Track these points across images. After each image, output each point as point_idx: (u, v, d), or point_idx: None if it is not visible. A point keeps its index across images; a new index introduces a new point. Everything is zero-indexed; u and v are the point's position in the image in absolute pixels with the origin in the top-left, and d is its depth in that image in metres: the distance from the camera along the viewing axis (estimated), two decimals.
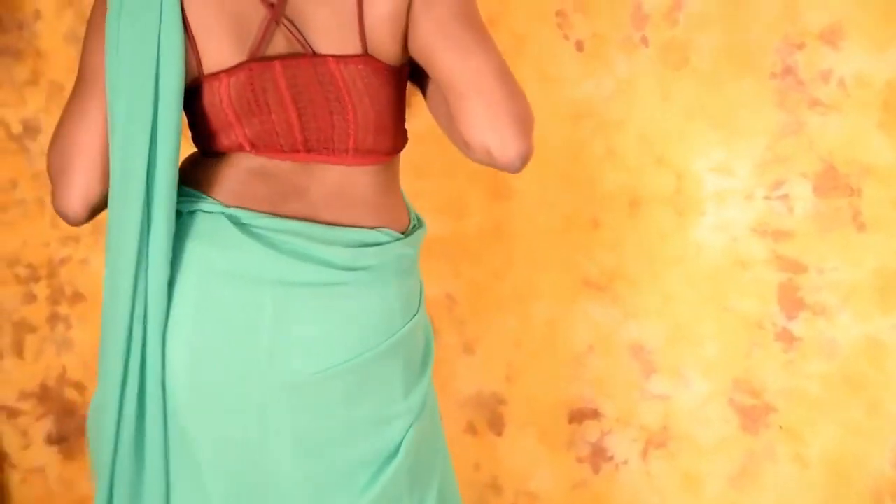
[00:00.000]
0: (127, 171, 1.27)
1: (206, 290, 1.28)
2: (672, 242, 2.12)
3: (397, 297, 1.37)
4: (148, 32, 1.24)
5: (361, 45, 1.28)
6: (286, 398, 1.31)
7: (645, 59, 2.07)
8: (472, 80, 1.23)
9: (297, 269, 1.29)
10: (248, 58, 1.27)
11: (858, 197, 1.96)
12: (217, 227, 1.29)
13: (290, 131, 1.30)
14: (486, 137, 1.23)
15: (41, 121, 2.24)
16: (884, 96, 1.91)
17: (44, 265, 2.32)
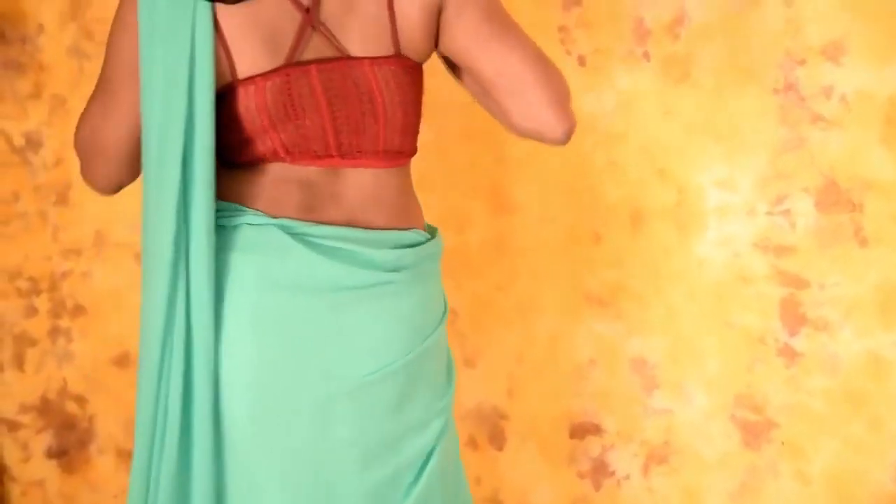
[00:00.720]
0: (162, 179, 1.26)
1: (263, 304, 1.28)
2: (674, 257, 2.12)
3: (433, 296, 1.44)
4: (182, 40, 1.25)
5: (394, 47, 1.32)
6: (349, 403, 1.33)
7: (647, 74, 2.07)
8: (513, 79, 1.32)
9: (350, 274, 1.31)
10: (285, 63, 1.28)
11: (860, 212, 1.96)
12: (270, 238, 1.29)
13: (323, 136, 1.31)
14: (535, 125, 1.35)
15: (43, 134, 2.24)
16: (885, 112, 1.91)
17: (45, 278, 2.32)
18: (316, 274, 1.30)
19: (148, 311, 1.32)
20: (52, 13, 2.18)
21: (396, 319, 1.36)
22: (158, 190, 1.27)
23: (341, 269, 1.31)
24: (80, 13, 2.17)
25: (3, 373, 2.35)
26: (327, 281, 1.30)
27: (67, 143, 2.26)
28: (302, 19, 1.28)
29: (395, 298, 1.36)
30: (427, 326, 1.41)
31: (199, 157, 1.26)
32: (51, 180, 2.27)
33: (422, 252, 1.40)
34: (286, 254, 1.29)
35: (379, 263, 1.34)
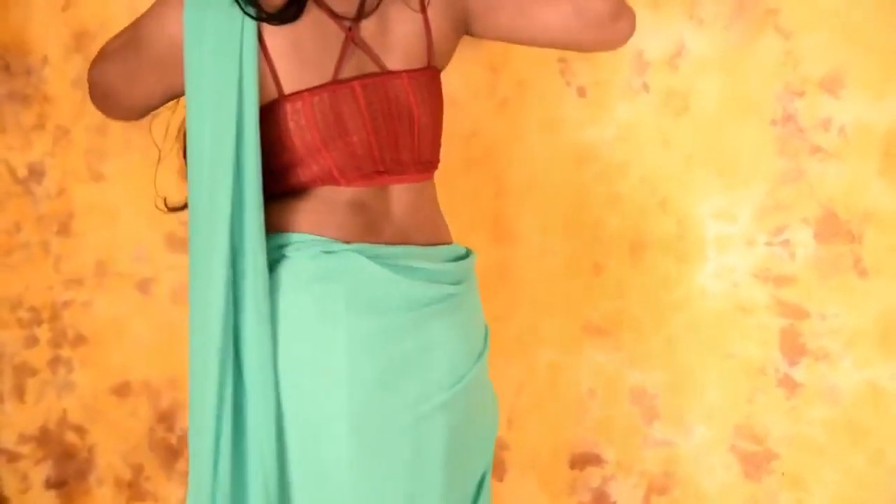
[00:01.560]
0: (214, 196, 1.28)
1: (356, 331, 1.30)
2: (674, 287, 2.13)
3: (480, 307, 1.49)
4: (231, 59, 1.27)
5: (428, 59, 1.37)
6: (440, 418, 1.35)
7: (646, 105, 2.09)
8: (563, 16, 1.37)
9: (427, 290, 1.35)
10: (331, 80, 1.31)
11: (859, 243, 1.97)
12: (351, 264, 1.31)
13: (369, 152, 1.34)
14: (601, 43, 1.43)
15: (46, 164, 2.26)
16: (883, 144, 1.92)
17: (46, 308, 2.33)
18: (399, 294, 1.33)
19: (200, 350, 1.31)
20: (57, 45, 2.20)
21: (465, 330, 1.41)
22: (210, 204, 1.28)
23: (419, 287, 1.34)
24: (84, 45, 2.19)
25: (2, 403, 2.35)
26: (409, 300, 1.33)
27: (70, 174, 2.28)
28: (345, 37, 1.31)
29: (460, 310, 1.40)
30: (482, 336, 1.47)
31: (248, 174, 1.28)
32: (53, 210, 2.28)
33: (469, 263, 1.46)
34: (370, 278, 1.31)
35: (444, 277, 1.38)
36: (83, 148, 2.24)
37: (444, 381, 1.36)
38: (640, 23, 2.02)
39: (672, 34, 2.04)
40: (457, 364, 1.38)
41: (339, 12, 1.31)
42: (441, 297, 1.37)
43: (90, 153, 2.24)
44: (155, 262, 2.28)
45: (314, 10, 1.30)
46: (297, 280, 1.30)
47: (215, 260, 1.28)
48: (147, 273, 2.29)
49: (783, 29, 1.95)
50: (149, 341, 2.31)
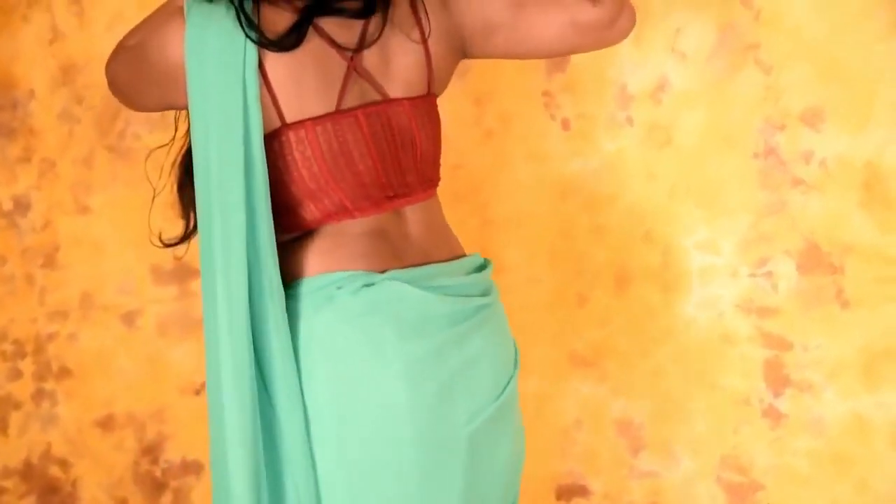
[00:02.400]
0: (227, 222, 1.28)
1: (409, 357, 1.31)
2: (659, 318, 2.14)
3: (505, 314, 1.50)
4: (235, 87, 1.27)
5: (428, 86, 1.39)
6: (488, 430, 1.38)
7: (630, 138, 2.11)
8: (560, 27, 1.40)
9: (462, 306, 1.37)
10: (335, 110, 1.32)
11: (841, 275, 1.98)
12: (391, 293, 1.32)
13: (377, 179, 1.35)
14: (602, 45, 1.44)
15: (31, 197, 2.25)
16: (863, 176, 1.94)
17: (31, 341, 2.32)
18: (440, 314, 1.34)
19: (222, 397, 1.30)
20: (43, 79, 2.20)
21: (501, 339, 1.44)
22: (223, 226, 1.28)
23: (455, 304, 1.36)
24: (70, 79, 2.20)
25: None
26: (449, 318, 1.35)
27: (56, 206, 2.28)
28: (347, 66, 1.32)
29: (493, 320, 1.43)
30: (512, 343, 1.50)
31: (258, 200, 1.28)
32: (38, 243, 2.28)
33: (490, 272, 1.48)
34: (412, 302, 1.32)
35: (473, 290, 1.41)
36: (69, 181, 2.24)
37: (489, 394, 1.39)
38: (623, 57, 2.07)
39: (655, 68, 2.06)
40: (499, 374, 1.41)
41: (340, 42, 1.32)
42: (475, 310, 1.39)
43: (76, 186, 2.24)
44: (140, 295, 2.28)
45: (316, 40, 1.31)
46: (346, 317, 1.31)
47: (233, 277, 1.28)
48: (132, 305, 2.28)
49: (764, 63, 1.98)
50: (133, 374, 2.30)
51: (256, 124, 1.27)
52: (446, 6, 1.41)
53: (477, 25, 1.41)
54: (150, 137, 2.21)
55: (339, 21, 1.32)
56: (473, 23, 1.41)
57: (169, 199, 2.23)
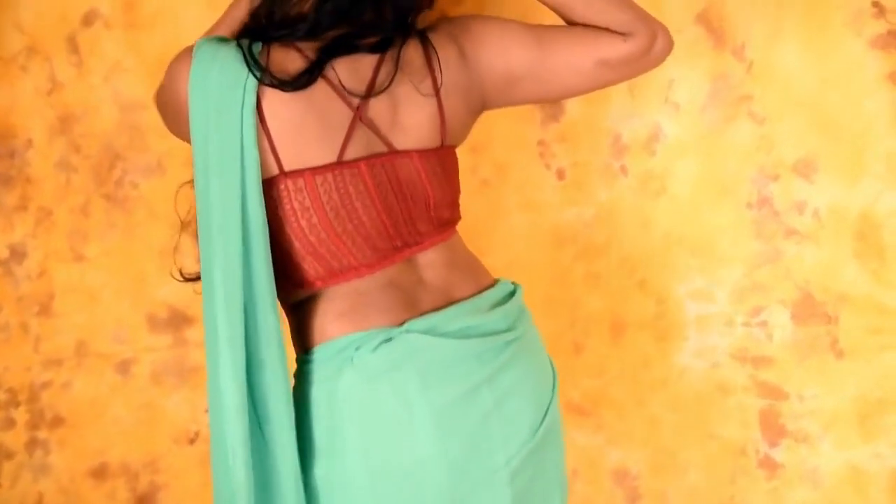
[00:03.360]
0: (227, 264, 1.26)
1: (435, 408, 1.29)
2: (655, 367, 2.14)
3: (538, 337, 1.47)
4: (233, 130, 1.25)
5: (441, 139, 1.35)
6: (531, 462, 1.36)
7: (624, 188, 2.12)
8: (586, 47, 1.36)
9: (489, 345, 1.33)
10: (337, 160, 1.28)
11: (836, 325, 1.99)
12: (410, 346, 1.29)
13: (383, 232, 1.32)
14: (640, 72, 1.41)
15: (28, 245, 2.26)
16: (857, 227, 1.96)
17: (24, 389, 2.31)
18: (465, 358, 1.31)
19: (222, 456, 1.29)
20: (41, 128, 2.22)
21: (535, 370, 1.40)
22: (225, 264, 1.27)
23: (482, 344, 1.33)
24: (68, 128, 2.21)
25: None
26: (476, 359, 1.32)
27: (52, 254, 2.28)
28: (353, 116, 1.29)
29: (525, 352, 1.39)
30: (549, 370, 1.46)
31: (256, 246, 1.27)
32: (34, 291, 2.28)
33: (519, 299, 1.45)
34: (434, 352, 1.30)
35: (500, 325, 1.36)
36: (66, 229, 2.25)
37: (528, 428, 1.35)
38: (617, 108, 2.09)
39: (649, 119, 2.08)
40: (537, 404, 1.37)
41: (348, 89, 1.29)
42: (504, 345, 1.35)
43: (73, 234, 2.25)
44: (135, 343, 2.27)
45: (321, 85, 1.27)
46: (369, 376, 1.29)
47: (234, 320, 1.27)
48: (127, 354, 2.28)
49: (756, 115, 2.00)
50: (127, 423, 2.29)
51: (253, 169, 1.25)
52: (465, 60, 1.37)
53: (499, 77, 1.38)
54: (147, 185, 2.22)
55: (347, 67, 1.29)
56: (495, 75, 1.37)
57: (168, 246, 2.24)
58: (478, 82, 1.38)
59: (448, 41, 1.36)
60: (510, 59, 1.36)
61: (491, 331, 1.35)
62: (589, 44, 1.34)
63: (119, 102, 2.19)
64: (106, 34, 2.17)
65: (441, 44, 1.35)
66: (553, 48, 1.34)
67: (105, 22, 2.17)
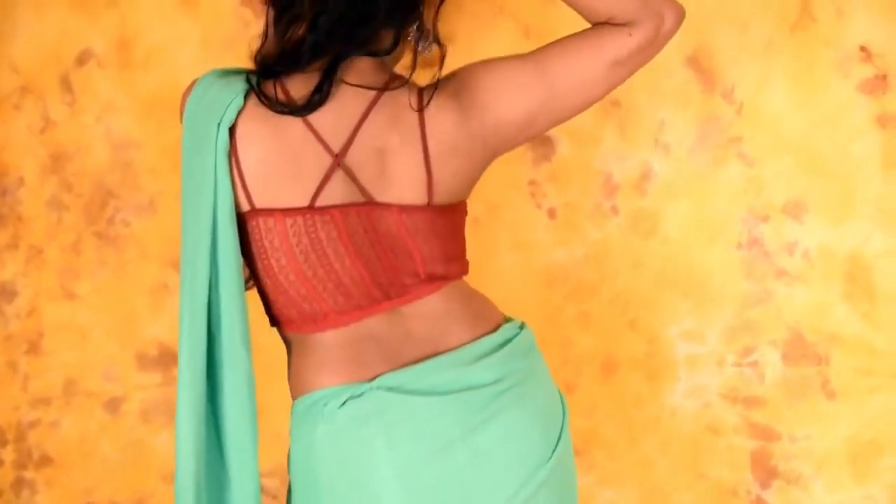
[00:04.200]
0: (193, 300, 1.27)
1: (400, 465, 1.26)
2: (646, 407, 2.13)
3: (548, 390, 1.39)
4: (208, 160, 1.25)
5: (427, 196, 1.28)
6: None
7: (615, 227, 2.13)
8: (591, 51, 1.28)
9: (467, 402, 1.27)
10: (309, 205, 1.25)
11: (827, 365, 1.99)
12: (378, 403, 1.26)
13: (361, 284, 1.28)
14: (654, 53, 1.31)
15: (17, 284, 2.25)
16: (846, 268, 1.97)
17: (12, 428, 2.29)
18: (433, 416, 1.26)
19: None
20: (33, 167, 2.22)
21: (529, 420, 1.31)
22: (191, 299, 1.27)
23: (454, 401, 1.27)
24: (61, 167, 2.22)
25: None
26: (446, 418, 1.27)
27: (42, 293, 2.28)
28: (331, 162, 1.25)
29: (519, 403, 1.31)
30: (554, 425, 1.35)
31: (225, 275, 1.26)
32: (23, 329, 2.27)
33: (516, 347, 1.36)
34: (401, 409, 1.26)
35: (483, 377, 1.29)
36: (57, 267, 2.24)
37: (514, 485, 1.27)
38: (608, 148, 2.10)
39: (639, 159, 2.09)
40: (528, 460, 1.29)
41: (329, 134, 1.25)
42: (487, 399, 1.28)
43: (63, 272, 2.24)
44: (125, 381, 2.26)
45: (301, 128, 1.24)
46: (339, 430, 1.27)
47: (196, 350, 1.28)
48: (116, 392, 2.27)
49: (746, 156, 2.02)
50: (115, 462, 2.28)
51: (226, 202, 1.24)
52: (467, 122, 1.30)
53: (512, 126, 1.31)
54: (138, 224, 2.22)
55: (334, 113, 1.25)
56: (508, 126, 1.30)
57: (158, 284, 2.24)
58: (484, 139, 1.31)
59: (448, 101, 1.30)
60: (520, 107, 1.30)
61: (472, 384, 1.29)
62: (595, 52, 1.27)
63: (111, 141, 2.20)
64: (99, 73, 2.18)
65: (440, 104, 1.29)
66: (560, 74, 1.28)
67: (99, 61, 2.18)
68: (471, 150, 1.31)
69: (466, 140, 1.30)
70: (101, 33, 2.17)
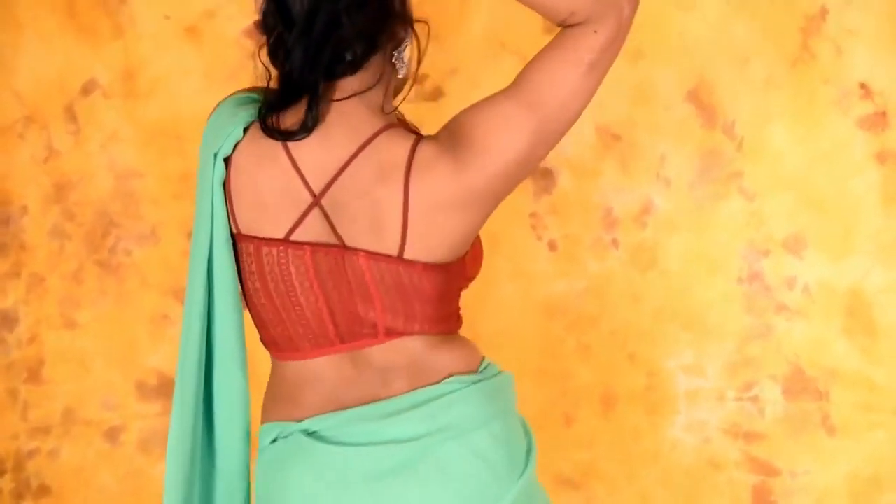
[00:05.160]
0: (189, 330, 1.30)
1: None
2: (645, 440, 2.13)
3: (495, 448, 1.27)
4: (206, 198, 1.29)
5: (399, 247, 1.25)
6: None
7: (615, 260, 2.13)
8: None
9: (380, 455, 1.24)
10: (284, 237, 1.27)
11: (827, 401, 1.99)
12: (299, 447, 1.27)
13: (321, 321, 1.28)
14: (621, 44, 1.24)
15: (19, 311, 2.25)
16: (846, 303, 1.97)
17: (10, 458, 2.28)
18: (348, 467, 1.25)
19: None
20: (36, 196, 2.23)
21: (441, 492, 1.24)
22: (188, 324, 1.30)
23: (370, 454, 1.25)
24: (63, 196, 2.22)
25: None
26: (361, 472, 1.24)
27: (43, 320, 2.28)
28: (310, 202, 1.26)
29: (436, 469, 1.24)
30: (497, 488, 1.26)
31: (221, 298, 1.30)
32: (23, 357, 2.27)
33: (464, 399, 1.27)
34: (315, 457, 1.26)
35: (409, 433, 1.25)
36: (58, 296, 2.25)
37: None
38: (609, 181, 2.11)
39: (640, 193, 2.10)
40: None
41: (312, 175, 1.25)
42: (407, 455, 1.24)
43: (65, 301, 2.24)
44: (124, 410, 2.26)
45: (287, 164, 1.25)
46: (262, 469, 1.30)
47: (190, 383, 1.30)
48: (115, 421, 2.27)
49: (747, 191, 2.02)
50: (114, 492, 2.27)
51: (221, 227, 1.29)
52: (464, 168, 1.24)
53: (514, 167, 1.24)
54: (140, 253, 2.22)
55: (321, 153, 1.26)
56: (510, 162, 1.24)
57: (159, 313, 2.25)
58: (486, 185, 1.25)
59: (443, 155, 1.25)
60: (518, 143, 1.24)
61: (398, 438, 1.25)
62: (569, 60, 1.22)
63: (115, 170, 2.21)
64: (104, 103, 2.20)
65: (433, 157, 1.25)
66: (544, 95, 1.23)
67: (104, 91, 2.19)
68: (467, 203, 1.26)
69: (463, 193, 1.25)
70: (105, 64, 2.19)
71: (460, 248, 1.28)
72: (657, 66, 2.06)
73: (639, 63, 2.06)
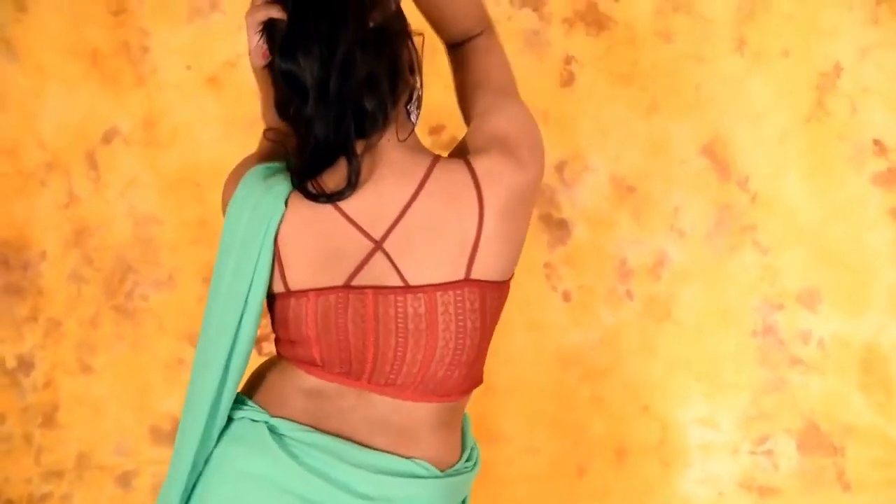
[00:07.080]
0: (205, 377, 1.31)
1: (238, 496, 1.28)
2: (658, 493, 2.12)
3: None
4: (252, 253, 1.29)
5: (466, 271, 1.27)
6: None
7: (629, 312, 2.14)
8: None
9: (319, 490, 1.26)
10: (343, 284, 1.27)
11: (842, 456, 1.98)
12: (256, 435, 1.30)
13: (362, 362, 1.29)
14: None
15: (36, 356, 2.27)
16: (861, 358, 1.97)
17: (23, 501, 2.28)
18: (287, 478, 1.27)
19: None
20: (56, 241, 2.25)
21: None
22: (202, 384, 1.31)
23: (311, 483, 1.26)
24: (82, 241, 2.25)
25: None
26: (297, 489, 1.27)
27: (59, 365, 2.29)
28: (370, 248, 1.27)
29: None
30: None
31: (236, 359, 1.30)
32: (39, 401, 2.28)
33: (418, 486, 1.30)
34: (265, 451, 1.28)
35: (355, 488, 1.27)
36: (74, 340, 2.26)
37: None
38: (623, 233, 2.12)
39: (654, 245, 2.11)
40: None
41: (364, 224, 1.26)
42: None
43: (81, 346, 2.26)
44: (138, 456, 2.26)
45: (338, 218, 1.26)
46: (220, 440, 1.32)
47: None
48: (128, 466, 2.27)
49: (760, 244, 2.03)
50: None
51: (260, 289, 1.28)
52: (522, 164, 1.29)
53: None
54: (157, 298, 2.24)
55: (372, 199, 1.27)
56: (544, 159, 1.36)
57: (174, 358, 2.26)
58: (538, 180, 1.32)
59: (501, 159, 1.28)
60: (542, 138, 1.37)
61: (341, 485, 1.27)
62: (503, 55, 1.41)
63: (133, 217, 2.23)
64: (125, 150, 2.22)
65: (491, 164, 1.28)
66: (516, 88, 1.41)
67: (125, 139, 2.22)
68: (529, 199, 1.30)
69: (528, 188, 1.29)
70: (127, 112, 2.22)
71: (516, 257, 1.32)
72: (672, 120, 2.08)
73: (654, 116, 2.08)
